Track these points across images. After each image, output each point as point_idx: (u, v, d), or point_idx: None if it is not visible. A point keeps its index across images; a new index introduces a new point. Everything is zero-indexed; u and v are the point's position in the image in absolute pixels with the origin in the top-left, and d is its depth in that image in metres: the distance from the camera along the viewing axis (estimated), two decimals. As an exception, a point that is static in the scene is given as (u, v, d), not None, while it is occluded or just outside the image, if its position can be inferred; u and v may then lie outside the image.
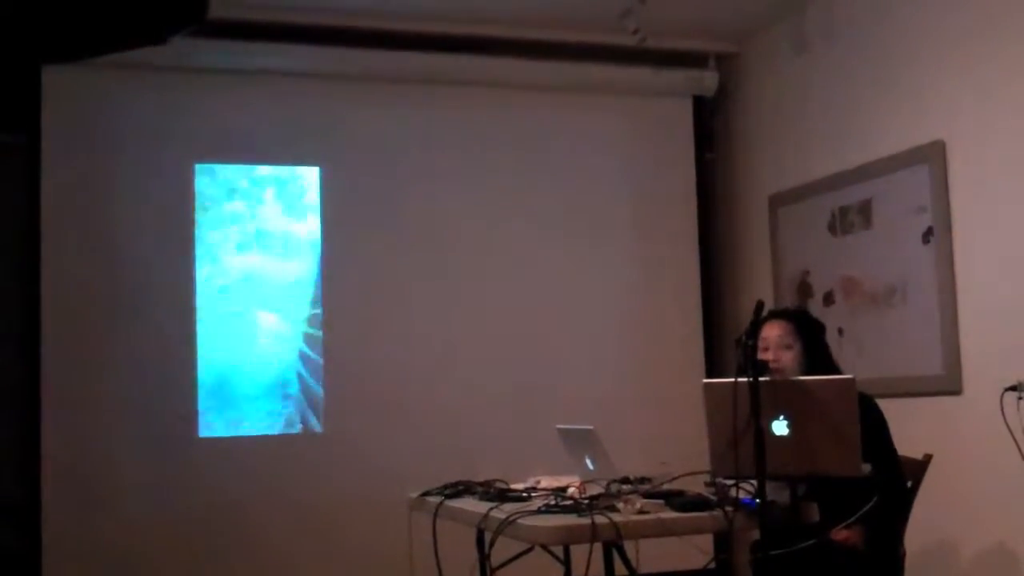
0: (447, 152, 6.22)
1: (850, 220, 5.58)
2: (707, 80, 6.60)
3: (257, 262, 5.92)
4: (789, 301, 5.88)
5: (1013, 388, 3.90)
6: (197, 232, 5.83)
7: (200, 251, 5.82)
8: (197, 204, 5.85)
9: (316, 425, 5.93)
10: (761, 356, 3.58)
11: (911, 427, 4.05)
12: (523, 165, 6.31)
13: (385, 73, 6.13)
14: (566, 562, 4.36)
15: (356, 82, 6.12)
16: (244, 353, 5.85)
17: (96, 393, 5.61)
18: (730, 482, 3.30)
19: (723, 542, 5.30)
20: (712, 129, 6.79)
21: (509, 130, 6.32)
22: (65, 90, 5.67)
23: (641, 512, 3.23)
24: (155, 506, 5.62)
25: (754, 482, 3.19)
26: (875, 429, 3.65)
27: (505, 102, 6.33)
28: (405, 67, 6.13)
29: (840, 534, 3.54)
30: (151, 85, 5.80)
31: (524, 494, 3.74)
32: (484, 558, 4.07)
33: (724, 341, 6.46)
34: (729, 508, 3.22)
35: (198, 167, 5.87)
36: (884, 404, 3.80)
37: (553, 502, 3.43)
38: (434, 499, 4.00)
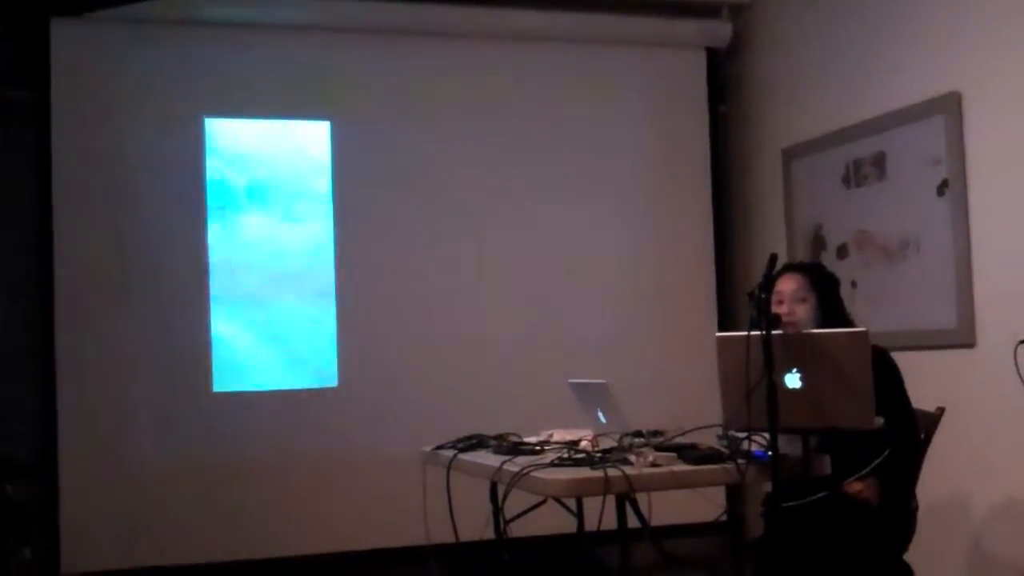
0: (458, 104, 6.19)
1: (864, 172, 5.54)
2: (720, 31, 6.55)
3: (268, 216, 5.92)
4: (802, 254, 5.86)
5: (1027, 341, 3.88)
6: (208, 186, 5.83)
7: (212, 205, 5.82)
8: (207, 158, 5.84)
9: (329, 380, 5.94)
10: (775, 309, 3.58)
11: (924, 380, 4.04)
12: (534, 117, 6.28)
13: (396, 25, 6.09)
14: (579, 515, 4.38)
15: (367, 35, 6.08)
16: (257, 307, 5.86)
17: (110, 349, 5.63)
18: (742, 435, 3.30)
19: (735, 495, 5.32)
20: (725, 81, 6.74)
21: (520, 82, 6.29)
22: (74, 45, 5.65)
23: (653, 465, 3.24)
24: (170, 461, 5.66)
25: (766, 435, 3.19)
26: (889, 382, 3.64)
27: (516, 54, 6.29)
28: (416, 19, 6.09)
29: (852, 487, 3.54)
30: (160, 39, 5.78)
31: (537, 447, 3.75)
32: (498, 510, 4.09)
33: (737, 294, 6.45)
34: (741, 461, 3.23)
35: (207, 121, 5.85)
36: (898, 357, 3.79)
37: (566, 455, 3.44)
38: (448, 453, 4.02)
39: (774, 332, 3.20)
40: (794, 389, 3.24)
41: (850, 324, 3.79)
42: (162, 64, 5.79)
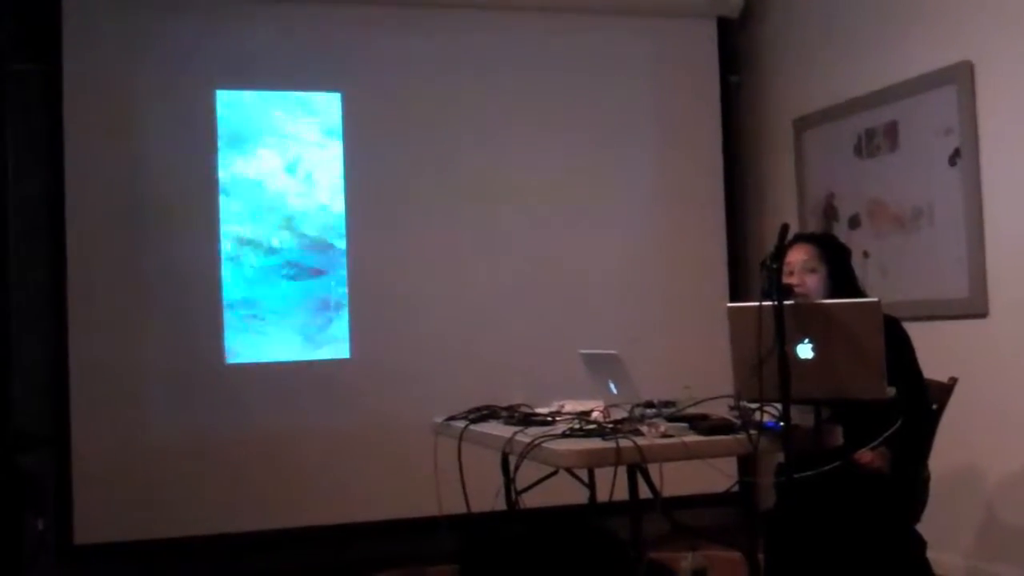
0: (468, 75, 6.18)
1: (876, 142, 5.52)
2: (731, 0, 6.51)
3: (280, 188, 5.92)
4: (814, 224, 5.85)
5: (1040, 310, 3.88)
6: (220, 158, 5.82)
7: (223, 177, 5.82)
8: (219, 130, 5.83)
9: (342, 351, 5.95)
10: (786, 280, 3.56)
11: (936, 350, 4.03)
12: (545, 88, 6.26)
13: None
14: (590, 486, 4.39)
15: (377, 6, 6.06)
16: (268, 279, 5.87)
17: (122, 321, 5.65)
18: (754, 406, 3.30)
19: (747, 465, 5.31)
20: (736, 51, 6.70)
21: (531, 53, 6.27)
22: (85, 17, 5.65)
23: (665, 436, 3.24)
24: (183, 432, 5.68)
25: (778, 405, 3.19)
26: (900, 352, 3.63)
27: (527, 24, 6.27)
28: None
29: (864, 457, 3.54)
30: (171, 11, 5.77)
31: (548, 418, 3.75)
32: (509, 481, 4.10)
33: (749, 265, 6.44)
34: (753, 432, 3.22)
35: (219, 94, 5.84)
36: (910, 327, 3.78)
37: (577, 426, 3.44)
38: (459, 424, 4.02)
39: (785, 303, 3.19)
40: (806, 360, 3.23)
41: (861, 294, 3.78)
42: (173, 37, 5.79)
